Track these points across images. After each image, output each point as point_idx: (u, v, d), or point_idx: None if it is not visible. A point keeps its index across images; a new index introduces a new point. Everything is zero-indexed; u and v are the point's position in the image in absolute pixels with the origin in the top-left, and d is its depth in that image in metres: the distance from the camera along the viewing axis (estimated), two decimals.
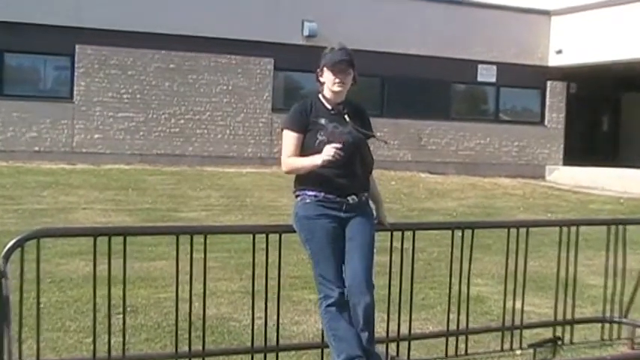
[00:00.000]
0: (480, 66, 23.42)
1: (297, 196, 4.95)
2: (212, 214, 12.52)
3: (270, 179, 17.15)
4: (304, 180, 4.88)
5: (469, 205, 15.89)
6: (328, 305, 4.77)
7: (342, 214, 4.83)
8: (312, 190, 4.85)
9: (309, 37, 20.67)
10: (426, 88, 22.40)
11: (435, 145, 23.20)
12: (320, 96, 4.99)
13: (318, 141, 4.81)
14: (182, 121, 20.38)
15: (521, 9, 23.55)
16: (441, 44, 22.44)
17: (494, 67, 23.55)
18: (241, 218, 12.19)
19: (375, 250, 4.88)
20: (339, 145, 4.65)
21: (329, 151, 4.63)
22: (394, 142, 21.44)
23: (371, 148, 4.96)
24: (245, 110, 20.90)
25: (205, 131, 20.55)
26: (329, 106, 4.95)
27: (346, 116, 4.90)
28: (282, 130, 4.97)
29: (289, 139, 4.88)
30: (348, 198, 4.85)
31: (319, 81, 4.99)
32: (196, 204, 13.74)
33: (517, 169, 23.89)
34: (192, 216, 12.24)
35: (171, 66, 20.25)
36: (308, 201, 4.87)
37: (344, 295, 4.75)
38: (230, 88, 20.77)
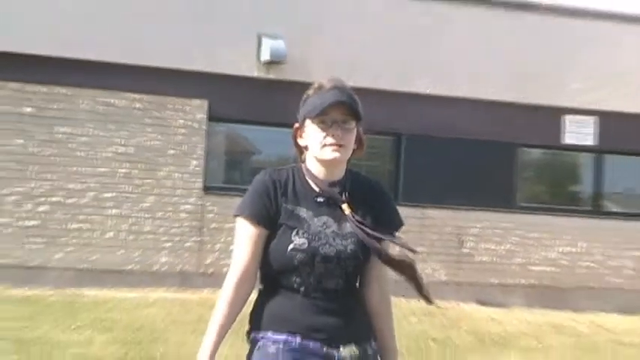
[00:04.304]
0: (566, 118, 15.15)
1: (251, 342, 3.23)
2: None
3: (199, 312, 12.42)
4: (265, 314, 3.18)
5: None
6: None
7: None
8: (280, 332, 3.16)
9: (271, 63, 13.38)
10: (473, 156, 14.61)
11: (487, 254, 14.87)
12: (302, 169, 3.21)
13: (292, 247, 3.07)
14: (42, 208, 12.95)
15: None
16: (500, 79, 14.62)
17: (592, 121, 15.27)
18: None
19: None
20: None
21: None
22: (418, 251, 13.85)
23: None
24: (156, 189, 13.51)
25: (84, 226, 13.11)
26: (315, 187, 3.19)
27: (344, 205, 3.15)
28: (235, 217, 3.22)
29: (243, 235, 3.13)
30: (342, 349, 3.19)
31: (298, 145, 3.23)
32: (65, 356, 10.15)
33: (637, 298, 15.48)
34: None
35: (26, 109, 12.69)
36: (272, 350, 3.18)
37: None
38: (131, 150, 13.32)
